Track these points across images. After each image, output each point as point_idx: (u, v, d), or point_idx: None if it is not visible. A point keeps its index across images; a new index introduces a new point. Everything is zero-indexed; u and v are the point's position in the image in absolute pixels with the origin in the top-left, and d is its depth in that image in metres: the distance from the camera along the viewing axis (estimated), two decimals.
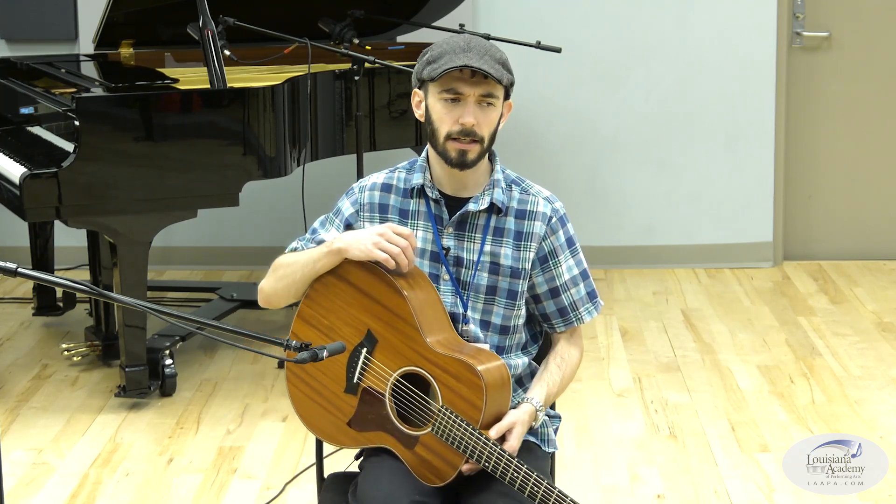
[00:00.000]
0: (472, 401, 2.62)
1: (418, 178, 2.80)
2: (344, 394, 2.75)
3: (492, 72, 2.66)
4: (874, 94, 6.25)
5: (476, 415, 2.62)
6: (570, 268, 2.83)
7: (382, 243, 2.67)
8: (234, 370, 4.94)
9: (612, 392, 4.74)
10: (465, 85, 2.69)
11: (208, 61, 4.52)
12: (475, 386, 2.62)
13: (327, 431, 2.80)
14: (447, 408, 2.63)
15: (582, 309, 2.85)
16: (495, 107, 2.72)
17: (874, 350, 5.14)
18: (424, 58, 2.75)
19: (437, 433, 2.64)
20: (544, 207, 2.80)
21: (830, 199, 6.35)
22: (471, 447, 2.60)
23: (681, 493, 3.93)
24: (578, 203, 6.18)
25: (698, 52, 6.13)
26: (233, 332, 2.50)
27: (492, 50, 2.71)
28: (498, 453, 2.59)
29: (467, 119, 2.68)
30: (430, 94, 2.73)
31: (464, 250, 2.78)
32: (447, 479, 2.64)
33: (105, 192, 4.39)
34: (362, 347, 2.74)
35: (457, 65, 2.66)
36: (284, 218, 6.04)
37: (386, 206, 2.82)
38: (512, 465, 2.58)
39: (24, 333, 5.37)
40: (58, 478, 4.07)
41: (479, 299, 2.79)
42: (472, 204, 2.77)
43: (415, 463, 2.67)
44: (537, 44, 5.27)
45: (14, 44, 6.07)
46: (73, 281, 2.40)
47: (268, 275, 2.87)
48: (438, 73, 2.68)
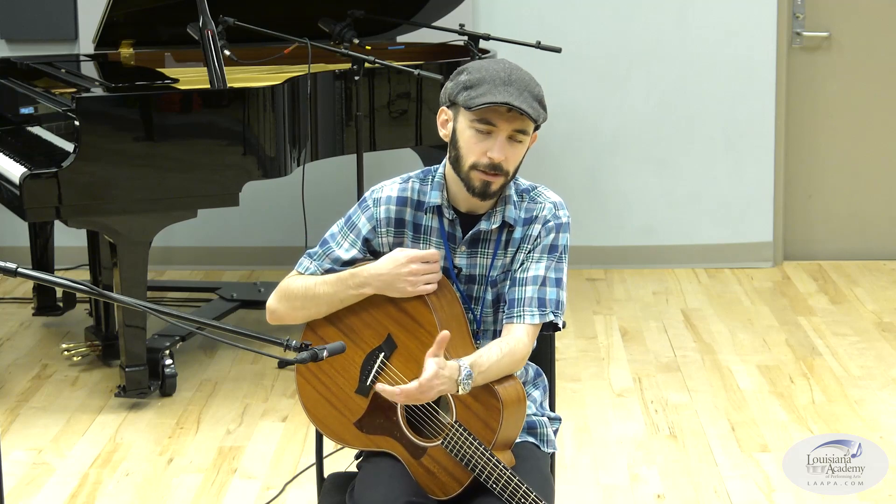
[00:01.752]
0: (486, 421, 2.61)
1: (435, 196, 2.76)
2: (355, 394, 2.74)
3: (530, 112, 2.61)
4: (874, 94, 6.25)
5: (489, 435, 2.60)
6: (537, 268, 2.75)
7: (418, 279, 2.66)
8: (234, 370, 4.94)
9: (612, 392, 4.74)
10: (500, 119, 2.63)
11: (208, 61, 4.52)
12: (492, 407, 2.60)
13: (332, 428, 2.78)
14: (460, 423, 2.62)
15: (526, 309, 2.73)
16: (523, 143, 2.68)
17: (874, 350, 5.13)
18: (460, 78, 2.68)
19: (447, 447, 2.62)
20: (547, 213, 2.77)
21: (830, 199, 6.35)
22: (479, 466, 2.59)
23: (681, 493, 3.93)
24: (578, 203, 6.17)
25: (698, 52, 6.13)
26: (233, 332, 2.50)
27: (531, 85, 2.65)
28: (507, 477, 2.57)
29: (496, 154, 2.64)
30: (460, 118, 2.68)
31: (476, 267, 2.77)
32: (451, 494, 2.64)
33: (105, 192, 4.39)
34: (380, 351, 2.72)
35: (498, 101, 2.59)
36: (284, 218, 6.04)
37: (402, 221, 2.78)
38: (521, 491, 2.56)
39: (24, 333, 5.37)
40: (58, 478, 4.07)
41: (489, 314, 2.78)
42: (484, 223, 2.74)
43: (420, 473, 2.67)
44: (537, 44, 5.27)
45: (14, 44, 6.07)
46: (73, 281, 2.40)
47: (278, 298, 2.80)
48: (476, 105, 2.62)
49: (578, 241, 6.31)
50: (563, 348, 5.08)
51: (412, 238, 2.78)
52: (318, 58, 4.93)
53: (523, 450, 2.76)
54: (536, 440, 2.82)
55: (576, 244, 6.14)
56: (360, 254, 2.78)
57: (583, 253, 6.14)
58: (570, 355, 5.06)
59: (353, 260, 2.78)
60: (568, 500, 3.89)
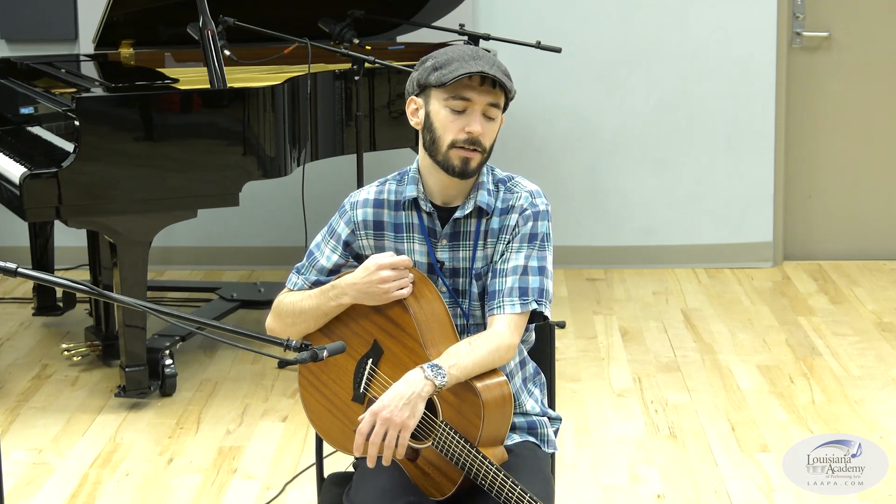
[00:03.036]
0: (470, 418, 2.61)
1: (411, 190, 2.77)
2: (352, 402, 2.76)
3: (504, 80, 2.66)
4: (874, 94, 6.25)
5: (474, 432, 2.60)
6: (517, 258, 2.74)
7: (390, 286, 2.68)
8: (234, 370, 4.94)
9: (612, 392, 4.74)
10: (473, 93, 2.66)
11: (208, 61, 4.52)
12: (473, 404, 2.61)
13: (336, 437, 2.81)
14: (446, 423, 2.63)
15: (506, 299, 2.72)
16: (496, 119, 2.71)
17: (874, 350, 5.14)
18: (427, 64, 2.71)
19: (437, 447, 2.63)
20: (524, 201, 2.76)
21: (830, 199, 6.35)
22: (468, 464, 2.59)
23: (681, 493, 3.94)
24: (578, 203, 6.18)
25: (698, 53, 6.13)
26: (233, 332, 2.50)
27: (497, 61, 2.70)
28: (494, 472, 2.58)
29: (475, 127, 2.66)
30: (432, 100, 2.70)
31: (459, 260, 2.77)
32: (446, 494, 2.64)
33: (105, 192, 4.39)
34: (368, 358, 2.74)
35: (473, 70, 2.63)
36: (284, 218, 6.04)
37: (381, 223, 2.80)
38: (507, 486, 2.56)
39: (24, 333, 5.37)
40: (58, 478, 4.07)
41: (477, 307, 2.78)
42: (459, 211, 2.75)
43: (416, 474, 2.67)
44: (537, 44, 5.27)
45: (14, 44, 6.07)
46: (73, 281, 2.40)
47: (273, 316, 2.85)
48: (450, 79, 2.64)
49: (578, 241, 6.37)
50: (563, 348, 5.09)
51: (394, 239, 2.79)
52: (318, 58, 4.93)
53: (524, 450, 2.76)
54: (537, 440, 2.82)
55: (576, 244, 6.21)
56: (343, 259, 2.81)
57: (583, 253, 6.14)
58: (570, 355, 5.06)
59: (338, 267, 2.81)
60: (568, 500, 3.90)
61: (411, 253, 2.78)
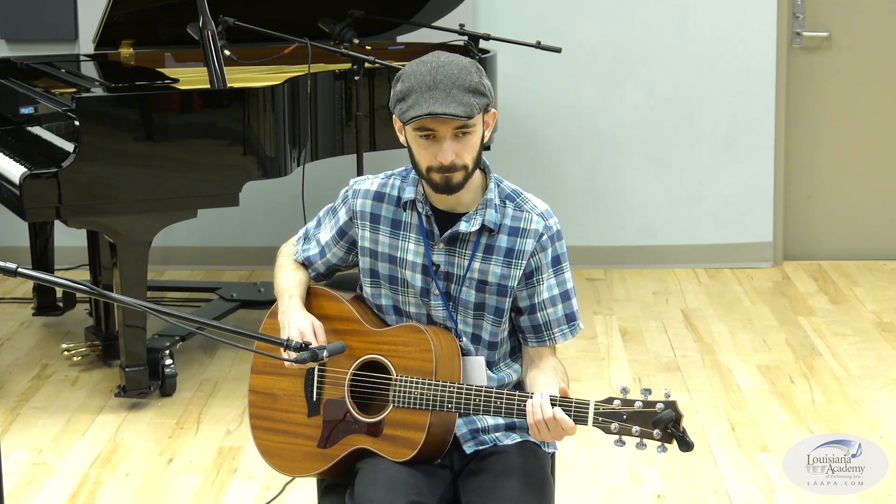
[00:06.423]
0: (422, 356, 2.66)
1: (410, 192, 2.77)
2: (308, 419, 2.78)
3: (459, 111, 2.57)
4: (874, 94, 6.25)
5: (429, 366, 2.65)
6: (550, 287, 2.79)
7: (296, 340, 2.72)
8: (234, 370, 4.94)
9: (613, 392, 4.73)
10: (436, 123, 2.61)
11: (208, 61, 4.52)
12: (422, 341, 2.67)
13: (301, 465, 2.81)
14: (400, 375, 2.66)
15: (556, 329, 2.81)
16: (473, 132, 2.65)
17: (874, 350, 5.14)
18: (396, 88, 2.67)
19: (399, 404, 2.66)
20: (537, 224, 2.75)
21: (830, 199, 6.35)
22: (432, 399, 2.63)
23: (681, 493, 3.94)
24: (578, 203, 6.18)
25: (698, 52, 6.13)
26: (233, 332, 2.50)
27: (461, 78, 2.60)
28: (458, 389, 2.62)
29: (445, 157, 2.62)
30: (405, 127, 2.66)
31: (454, 266, 2.77)
32: (418, 446, 2.65)
33: (105, 192, 4.39)
34: (312, 367, 2.78)
35: (422, 113, 2.57)
36: (284, 218, 6.03)
37: (378, 217, 2.80)
38: (482, 395, 2.60)
39: (24, 333, 5.37)
40: (58, 478, 4.07)
41: (469, 315, 2.78)
42: (464, 224, 2.73)
43: (385, 447, 2.69)
44: (537, 44, 5.27)
45: (14, 44, 6.07)
46: (73, 281, 2.40)
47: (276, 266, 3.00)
48: (406, 119, 2.61)
49: (578, 240, 6.36)
50: (563, 348, 5.03)
51: (390, 234, 2.79)
52: (318, 58, 4.93)
53: (524, 449, 2.76)
54: (536, 440, 2.82)
55: (576, 244, 6.19)
56: (337, 239, 2.87)
57: (583, 253, 6.13)
58: (570, 355, 5.06)
59: (330, 248, 2.89)
60: (568, 500, 3.90)
61: (405, 252, 2.77)
